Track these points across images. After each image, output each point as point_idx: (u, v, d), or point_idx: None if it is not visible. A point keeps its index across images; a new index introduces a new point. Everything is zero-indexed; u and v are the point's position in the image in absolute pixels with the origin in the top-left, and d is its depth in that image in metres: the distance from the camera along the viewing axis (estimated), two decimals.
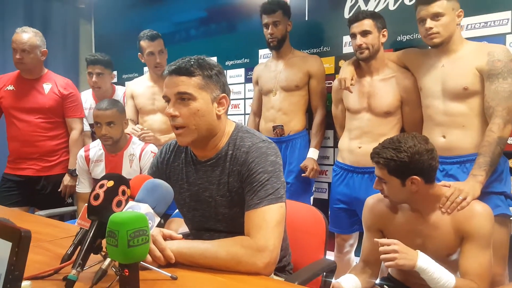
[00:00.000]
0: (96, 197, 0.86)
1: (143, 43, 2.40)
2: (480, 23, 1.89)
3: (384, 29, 1.87)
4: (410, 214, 1.36)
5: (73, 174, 2.37)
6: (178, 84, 1.04)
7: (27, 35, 2.27)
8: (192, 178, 1.15)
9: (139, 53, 2.47)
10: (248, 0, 2.72)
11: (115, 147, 2.09)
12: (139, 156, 2.09)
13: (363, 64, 1.91)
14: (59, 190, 2.40)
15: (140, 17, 3.35)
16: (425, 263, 1.21)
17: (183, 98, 1.04)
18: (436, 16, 1.61)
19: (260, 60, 2.66)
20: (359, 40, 1.82)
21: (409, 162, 1.26)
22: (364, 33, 1.82)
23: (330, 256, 2.10)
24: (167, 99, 1.07)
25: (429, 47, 1.75)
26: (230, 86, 2.54)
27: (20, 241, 0.64)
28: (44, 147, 2.37)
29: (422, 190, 1.30)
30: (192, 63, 1.05)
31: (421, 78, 1.76)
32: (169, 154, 1.22)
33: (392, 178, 1.30)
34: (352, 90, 1.88)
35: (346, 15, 2.28)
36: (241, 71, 2.77)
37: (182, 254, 0.95)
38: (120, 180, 0.90)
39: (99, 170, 2.12)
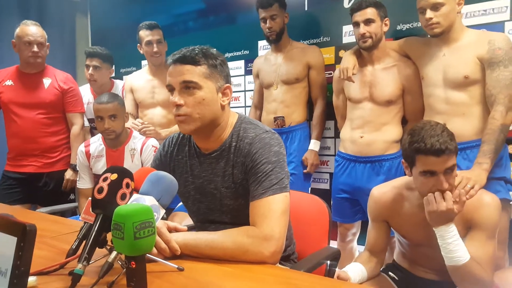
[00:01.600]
0: (100, 190, 0.85)
1: (142, 32, 2.39)
2: (479, 11, 1.88)
3: (386, 18, 1.86)
4: (418, 204, 1.34)
5: (75, 169, 2.36)
6: (183, 72, 1.03)
7: (38, 28, 2.26)
8: (197, 170, 1.15)
9: (138, 44, 2.45)
10: None
11: (116, 141, 2.07)
12: (140, 150, 2.08)
13: (364, 53, 1.90)
14: (62, 186, 2.39)
15: (138, 10, 3.31)
16: (450, 229, 1.21)
17: (188, 87, 1.03)
18: (436, 6, 1.60)
19: (260, 52, 2.64)
20: (363, 29, 1.81)
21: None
22: (368, 22, 1.81)
23: (333, 245, 2.10)
24: (170, 88, 1.06)
25: (429, 36, 1.74)
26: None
27: (26, 236, 0.64)
28: (45, 143, 2.35)
29: None
30: (197, 52, 1.04)
31: (423, 67, 1.75)
32: (173, 147, 1.21)
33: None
34: (354, 80, 1.87)
35: (346, 4, 2.26)
36: (241, 63, 2.75)
37: (188, 245, 0.95)
38: (124, 173, 0.89)
39: (100, 166, 2.11)
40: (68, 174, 2.39)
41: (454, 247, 1.21)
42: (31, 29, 2.23)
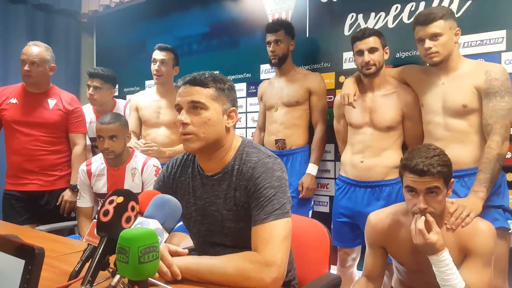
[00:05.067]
0: (106, 213, 0.86)
1: (154, 52, 2.45)
2: (476, 41, 1.94)
3: (387, 47, 1.91)
4: None
5: (74, 190, 2.35)
6: (192, 93, 1.08)
7: (37, 48, 2.28)
8: (199, 192, 1.16)
9: None
10: (250, 17, 2.78)
11: (117, 161, 2.08)
12: (141, 170, 2.09)
13: (365, 80, 1.94)
14: (57, 204, 2.36)
15: (142, 31, 3.39)
16: (441, 258, 1.23)
17: (196, 107, 1.07)
18: (434, 36, 1.65)
19: (262, 75, 2.70)
20: (367, 57, 1.85)
21: (451, 165, 1.30)
22: (372, 50, 1.86)
23: (333, 270, 2.09)
24: (179, 107, 1.10)
25: (429, 65, 1.79)
26: None
27: (34, 259, 0.65)
28: (46, 161, 2.35)
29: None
30: (207, 75, 1.10)
31: (422, 95, 1.79)
32: (176, 168, 1.23)
33: (444, 187, 1.29)
34: (355, 106, 1.90)
35: (346, 32, 2.33)
36: (243, 85, 2.81)
37: (189, 270, 0.95)
38: (130, 196, 0.90)
39: (101, 184, 2.12)
40: (67, 195, 2.37)
41: (448, 275, 1.22)
42: (28, 49, 2.26)
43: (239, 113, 2.76)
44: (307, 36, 2.50)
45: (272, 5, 2.66)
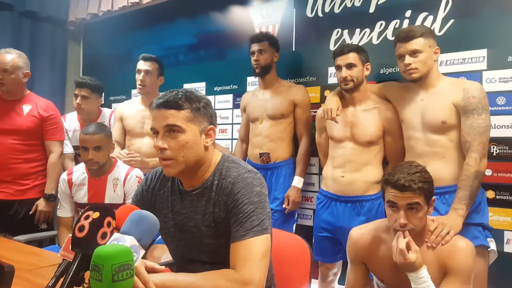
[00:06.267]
0: (81, 228, 0.85)
1: (138, 63, 2.44)
2: (458, 60, 1.99)
3: (368, 63, 1.94)
4: None
5: (49, 199, 2.30)
6: (167, 117, 1.05)
7: (10, 55, 2.25)
8: (178, 207, 1.15)
9: None
10: (237, 29, 2.80)
11: (99, 171, 2.05)
12: (123, 180, 2.06)
13: (346, 95, 1.96)
14: (30, 213, 2.30)
15: (130, 40, 3.39)
16: (420, 276, 1.26)
17: (173, 130, 1.05)
18: (414, 53, 1.68)
19: (248, 87, 2.72)
20: (344, 72, 1.88)
21: (432, 182, 1.32)
22: (349, 66, 1.88)
23: (314, 284, 2.08)
24: (155, 131, 1.08)
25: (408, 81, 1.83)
26: (218, 112, 2.55)
27: (3, 277, 0.63)
28: (18, 170, 2.29)
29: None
30: (180, 96, 1.07)
31: (402, 111, 1.82)
32: (155, 182, 1.22)
33: (425, 204, 1.31)
34: (338, 121, 1.92)
35: (332, 47, 2.37)
36: (229, 97, 2.82)
37: (166, 287, 0.94)
38: (106, 211, 0.89)
39: (82, 194, 2.08)
40: (41, 205, 2.31)
41: None
42: (0, 56, 2.22)
43: (225, 124, 2.79)
44: (293, 50, 2.53)
45: (260, 18, 2.70)
